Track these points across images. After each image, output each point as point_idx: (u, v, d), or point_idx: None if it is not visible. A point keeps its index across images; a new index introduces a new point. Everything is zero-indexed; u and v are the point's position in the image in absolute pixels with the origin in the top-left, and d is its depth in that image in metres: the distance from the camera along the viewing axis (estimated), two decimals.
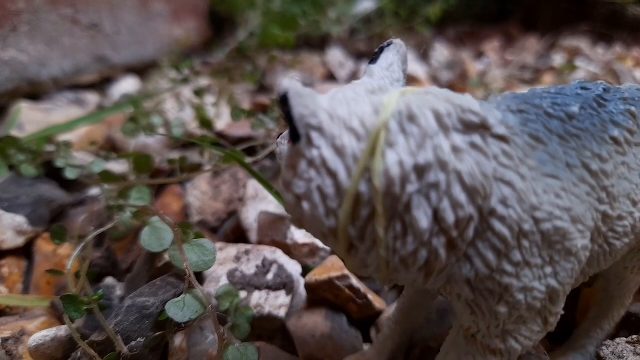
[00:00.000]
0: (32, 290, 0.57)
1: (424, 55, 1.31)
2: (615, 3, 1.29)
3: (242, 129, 0.80)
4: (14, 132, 0.79)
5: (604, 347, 0.43)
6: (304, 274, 0.55)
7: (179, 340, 0.46)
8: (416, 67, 1.13)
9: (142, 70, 1.20)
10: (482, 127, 0.28)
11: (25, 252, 0.61)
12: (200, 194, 0.69)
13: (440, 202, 0.26)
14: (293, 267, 0.55)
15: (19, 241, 0.60)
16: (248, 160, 0.67)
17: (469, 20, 1.59)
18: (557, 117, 0.32)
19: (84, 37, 1.04)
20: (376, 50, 0.34)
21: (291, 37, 1.17)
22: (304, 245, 0.57)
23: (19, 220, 0.60)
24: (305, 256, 0.57)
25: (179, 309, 0.43)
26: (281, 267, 0.54)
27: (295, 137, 0.28)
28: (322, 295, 0.51)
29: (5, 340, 0.47)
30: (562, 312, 0.34)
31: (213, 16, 1.44)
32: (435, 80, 1.16)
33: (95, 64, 1.08)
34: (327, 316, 0.50)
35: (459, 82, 1.14)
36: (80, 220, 0.61)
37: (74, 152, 0.74)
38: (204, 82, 1.06)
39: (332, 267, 0.51)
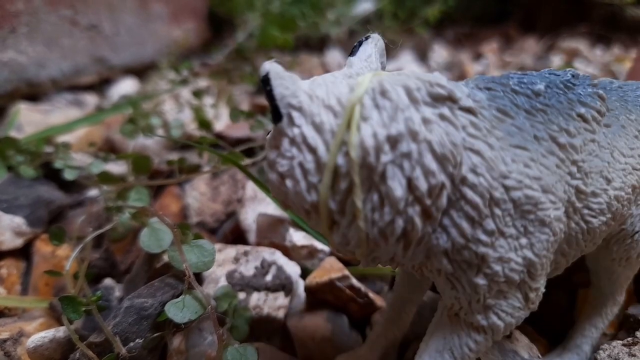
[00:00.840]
0: (30, 291, 0.57)
1: (422, 56, 1.32)
2: (614, 4, 1.29)
3: (241, 130, 0.80)
4: (13, 133, 0.79)
5: (600, 351, 0.43)
6: (302, 275, 0.55)
7: (177, 341, 0.46)
8: (415, 69, 1.13)
9: (141, 71, 1.20)
10: (450, 100, 0.29)
11: (24, 253, 0.61)
12: (199, 195, 0.69)
13: (413, 170, 0.28)
14: (292, 268, 0.55)
15: (18, 242, 0.60)
16: (247, 161, 0.67)
17: (468, 21, 1.59)
18: (523, 94, 0.33)
19: (83, 38, 1.04)
20: (355, 44, 0.35)
21: (290, 39, 1.17)
22: (303, 247, 0.57)
23: (18, 221, 0.60)
24: (304, 258, 0.57)
25: (179, 310, 0.43)
26: (280, 268, 0.54)
27: (277, 117, 0.30)
28: (322, 297, 0.51)
29: (4, 341, 0.47)
30: (544, 290, 0.34)
31: (212, 17, 1.44)
32: None
33: (94, 65, 1.08)
34: (328, 318, 0.50)
35: None
36: (78, 221, 0.61)
37: (72, 153, 0.74)
38: (202, 83, 1.06)
39: (331, 269, 0.51)
